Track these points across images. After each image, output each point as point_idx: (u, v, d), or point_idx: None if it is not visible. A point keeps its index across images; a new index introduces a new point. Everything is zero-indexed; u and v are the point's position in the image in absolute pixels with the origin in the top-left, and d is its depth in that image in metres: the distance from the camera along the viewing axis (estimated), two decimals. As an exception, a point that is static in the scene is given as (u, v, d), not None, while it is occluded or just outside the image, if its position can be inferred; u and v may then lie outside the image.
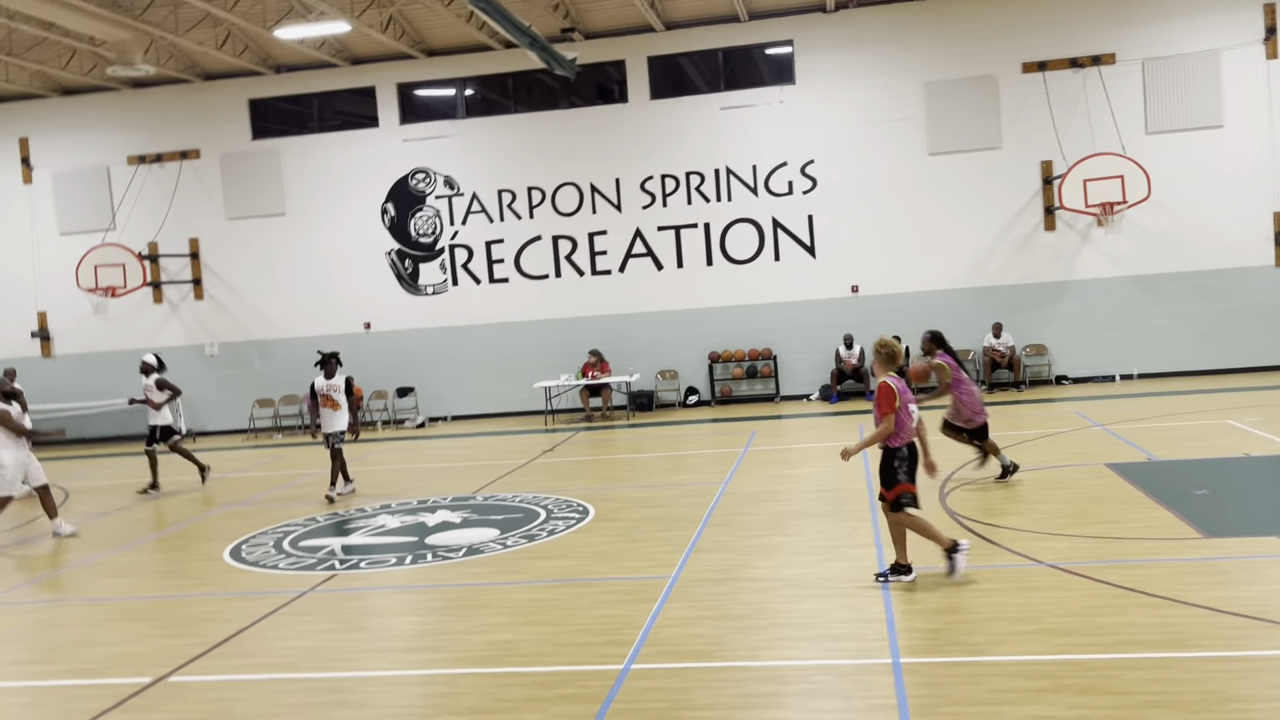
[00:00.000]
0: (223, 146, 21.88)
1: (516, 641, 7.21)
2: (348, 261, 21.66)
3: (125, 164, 22.13)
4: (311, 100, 21.97)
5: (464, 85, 21.48)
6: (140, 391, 15.10)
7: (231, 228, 21.99)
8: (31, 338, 22.53)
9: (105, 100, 22.14)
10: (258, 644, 7.62)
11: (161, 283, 22.10)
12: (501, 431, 19.28)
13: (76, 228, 22.18)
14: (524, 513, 11.60)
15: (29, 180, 22.51)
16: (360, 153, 21.55)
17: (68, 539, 11.91)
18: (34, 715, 6.56)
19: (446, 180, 21.33)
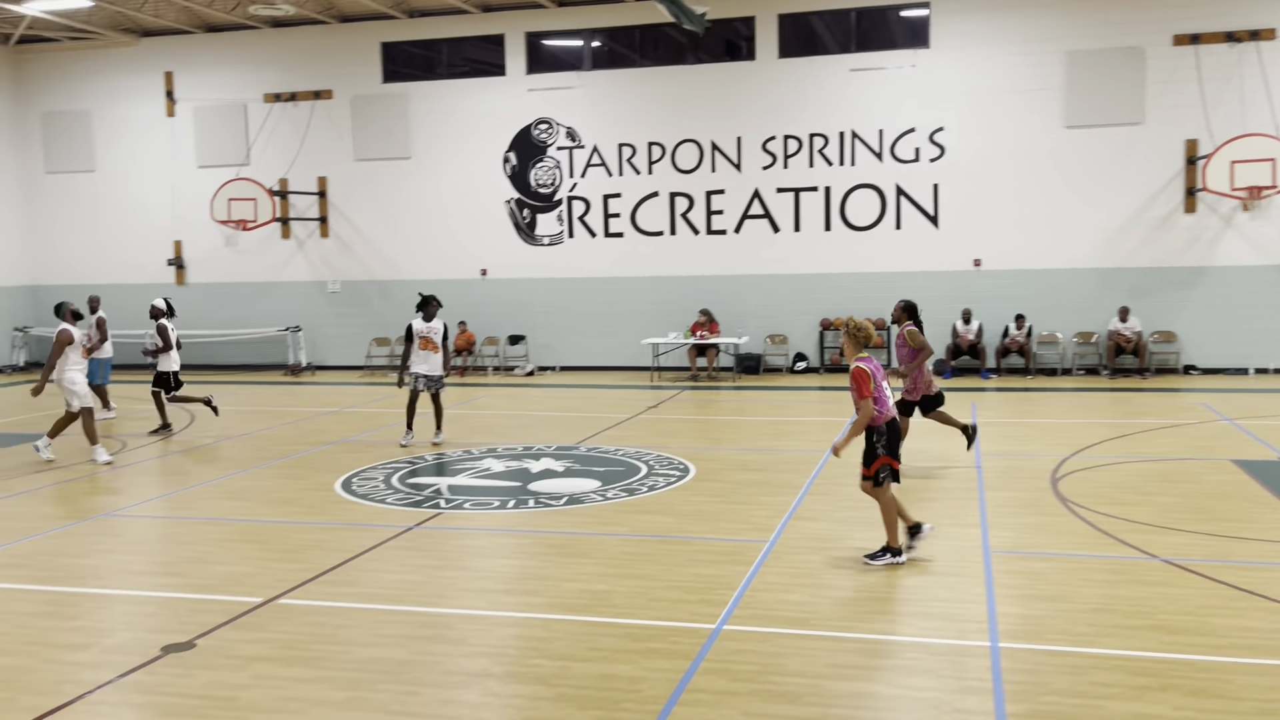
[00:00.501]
0: (354, 88, 22.34)
1: (611, 592, 7.30)
2: (468, 208, 21.97)
3: (261, 101, 22.79)
4: (441, 46, 22.24)
5: (591, 36, 21.45)
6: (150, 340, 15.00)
7: (359, 168, 22.50)
8: (167, 265, 23.52)
9: (246, 38, 22.79)
10: (363, 574, 7.88)
11: (290, 219, 22.77)
12: (608, 385, 19.42)
13: (213, 161, 22.98)
14: (625, 467, 11.69)
15: (172, 113, 23.37)
16: (486, 100, 21.76)
17: (104, 462, 12.35)
18: (157, 624, 6.91)
19: (568, 132, 21.40)
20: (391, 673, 5.94)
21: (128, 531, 9.46)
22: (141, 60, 23.33)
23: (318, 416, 16.11)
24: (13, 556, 8.56)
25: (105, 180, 23.86)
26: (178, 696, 5.68)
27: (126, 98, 23.49)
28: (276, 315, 22.92)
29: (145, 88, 23.36)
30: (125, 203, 23.71)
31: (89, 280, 23.89)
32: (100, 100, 23.70)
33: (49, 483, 11.46)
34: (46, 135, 24.06)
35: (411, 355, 13.22)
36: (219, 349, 23.14)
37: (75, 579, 7.92)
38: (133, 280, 23.55)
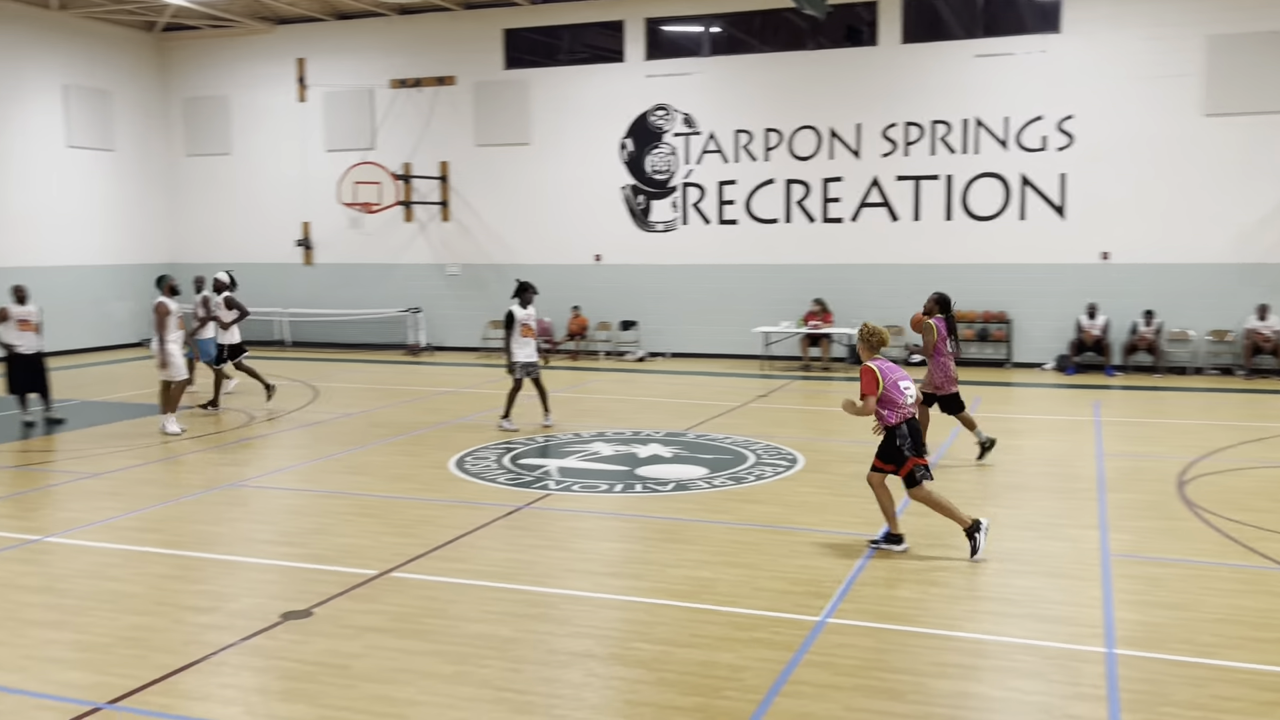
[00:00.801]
0: (476, 74, 22.73)
1: (715, 580, 7.31)
2: (583, 194, 22.16)
3: (388, 87, 23.38)
4: (562, 32, 22.44)
5: (711, 22, 21.37)
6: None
7: (479, 154, 22.90)
8: (296, 245, 24.36)
9: (373, 25, 23.39)
10: (473, 551, 8.06)
11: (412, 202, 23.32)
12: (718, 373, 19.40)
13: (341, 145, 23.68)
14: (733, 455, 11.67)
15: (303, 99, 24.16)
16: (604, 87, 21.89)
17: (171, 435, 12.91)
18: (278, 591, 7.21)
19: (685, 118, 21.38)
20: (497, 649, 6.07)
21: (253, 501, 9.87)
22: (276, 47, 24.18)
23: (434, 396, 16.51)
24: (148, 521, 9.02)
25: (240, 163, 24.83)
26: (295, 662, 5.91)
27: (262, 84, 24.38)
28: (397, 296, 23.54)
29: (279, 74, 24.20)
30: (258, 184, 24.64)
31: (224, 258, 24.91)
32: (237, 86, 24.65)
33: (183, 452, 12.03)
34: (187, 119, 25.16)
35: (514, 342, 13.18)
36: (341, 328, 23.91)
37: (204, 545, 8.31)
38: (264, 259, 24.50)
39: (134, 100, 24.47)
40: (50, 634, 6.36)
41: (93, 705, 5.36)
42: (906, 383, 7.91)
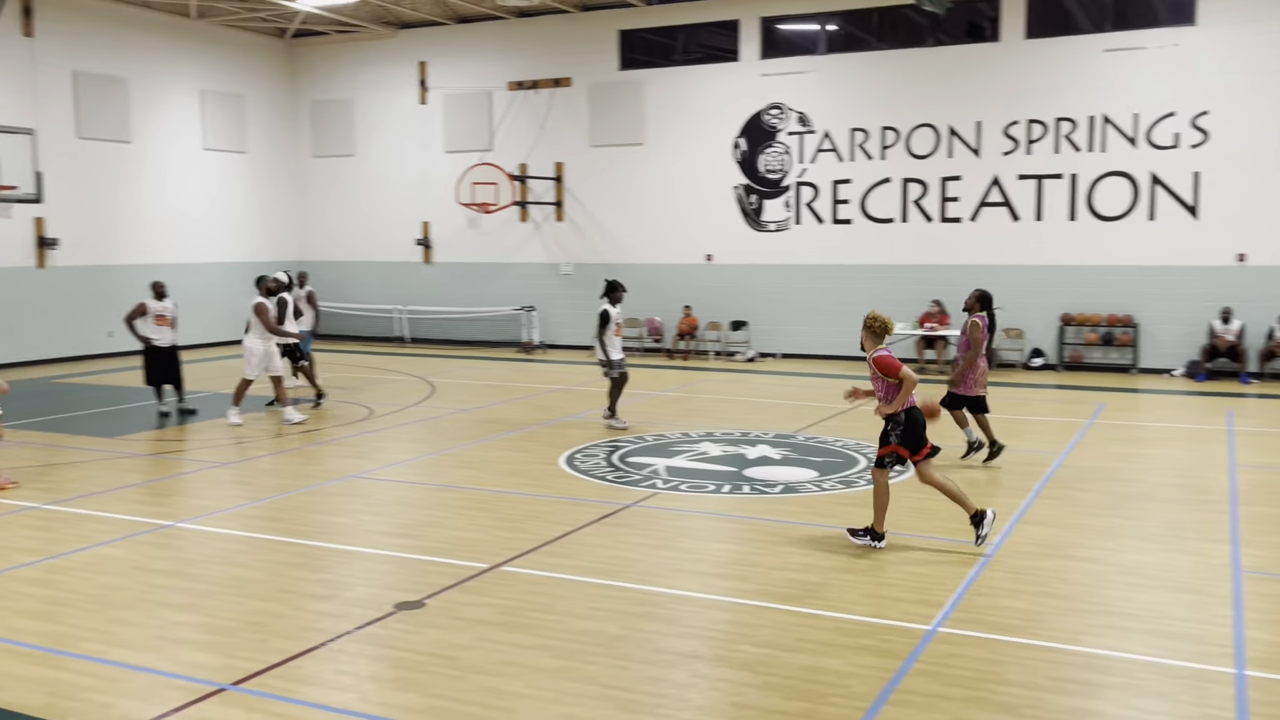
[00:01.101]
0: (592, 76, 22.94)
1: (823, 585, 7.23)
2: (696, 194, 22.16)
3: (505, 89, 23.78)
4: (677, 32, 22.48)
5: (827, 20, 21.13)
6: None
7: (593, 154, 23.11)
8: (415, 245, 24.98)
9: (492, 28, 23.82)
10: (581, 548, 8.14)
11: (527, 202, 23.67)
12: (829, 374, 19.16)
13: (459, 147, 24.19)
14: (844, 458, 11.52)
15: (424, 101, 24.75)
16: (718, 86, 21.84)
17: (232, 424, 13.47)
18: (392, 581, 7.40)
19: (800, 117, 21.19)
20: (604, 646, 6.12)
21: (371, 493, 10.15)
22: (399, 51, 24.83)
23: (546, 393, 16.73)
24: (271, 510, 9.37)
25: (364, 164, 25.58)
26: (407, 652, 6.06)
27: (385, 87, 25.07)
28: (512, 295, 23.93)
29: (401, 77, 24.85)
30: (381, 185, 25.35)
31: (347, 257, 25.76)
32: (362, 89, 25.40)
33: (306, 444, 12.46)
34: (315, 122, 26.04)
35: (609, 340, 13.28)
36: (457, 325, 24.42)
37: (324, 534, 8.59)
38: (385, 258, 25.21)
39: (265, 104, 25.44)
40: (179, 616, 6.66)
41: (217, 686, 5.59)
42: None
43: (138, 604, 6.88)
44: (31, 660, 5.94)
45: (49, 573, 7.56)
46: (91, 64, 21.39)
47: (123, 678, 5.73)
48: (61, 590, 7.17)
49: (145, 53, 22.47)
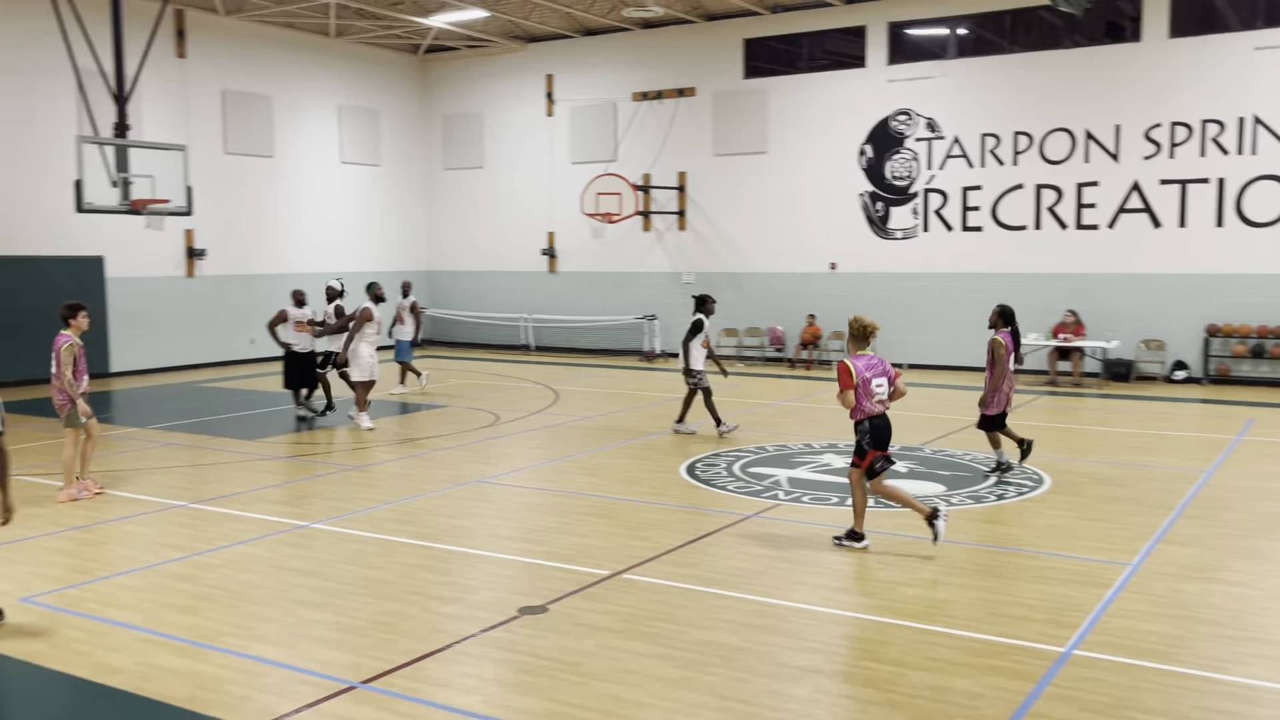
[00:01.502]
0: (716, 85, 22.94)
1: (950, 602, 7.04)
2: (820, 202, 21.93)
3: (630, 100, 23.99)
4: (802, 40, 22.31)
5: (957, 23, 20.66)
6: (320, 315, 15.64)
7: (716, 163, 23.10)
8: (541, 255, 25.38)
9: (618, 40, 24.06)
10: (701, 557, 8.12)
11: (650, 212, 23.81)
12: (957, 385, 18.68)
13: (584, 158, 24.49)
14: (972, 472, 11.22)
15: (551, 113, 25.16)
16: (844, 93, 21.58)
17: (365, 431, 13.90)
18: (515, 586, 7.51)
19: (928, 123, 20.77)
20: (724, 657, 6.08)
21: (496, 498, 10.33)
22: (526, 65, 25.30)
23: (667, 402, 16.75)
24: (401, 512, 9.62)
25: (491, 176, 26.13)
26: (530, 656, 6.14)
27: (513, 100, 25.58)
28: (634, 304, 24.08)
29: (529, 90, 25.31)
30: (508, 196, 25.85)
31: (474, 266, 26.35)
32: (490, 102, 25.97)
33: (434, 449, 12.76)
34: (445, 135, 26.73)
35: (696, 351, 13.45)
36: (580, 334, 24.70)
37: (450, 537, 8.78)
38: (511, 267, 25.69)
39: (398, 118, 26.24)
40: (313, 614, 6.89)
41: (348, 684, 5.76)
42: (880, 381, 8.26)
43: (275, 601, 7.15)
44: (177, 652, 6.23)
45: (194, 569, 7.93)
46: (238, 83, 22.42)
47: (260, 672, 5.96)
48: (205, 586, 7.50)
49: (288, 71, 23.44)
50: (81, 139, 16.00)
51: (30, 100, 18.93)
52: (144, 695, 5.63)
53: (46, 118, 19.10)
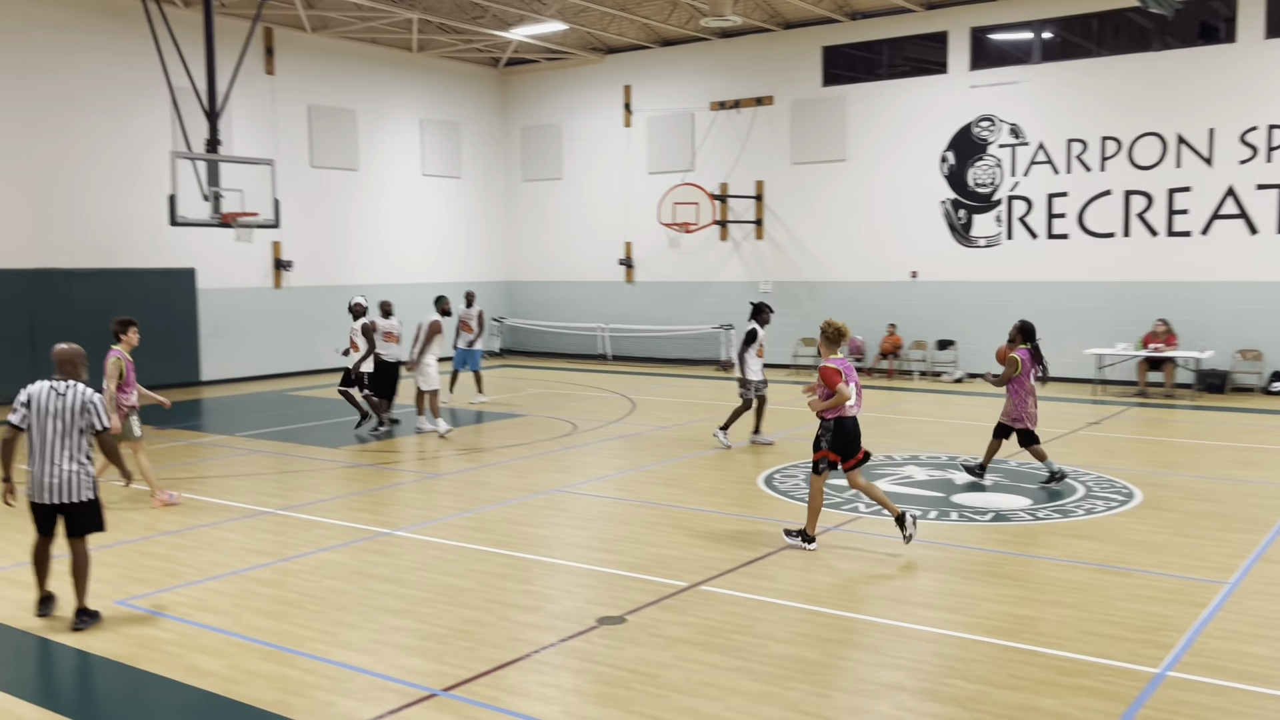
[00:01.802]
0: (794, 93, 22.82)
1: (1037, 619, 6.87)
2: (900, 209, 21.65)
3: (707, 109, 23.98)
4: (882, 46, 22.08)
5: (1042, 27, 20.25)
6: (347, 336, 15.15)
7: (794, 172, 22.96)
8: (618, 265, 25.48)
9: (695, 50, 24.08)
10: (781, 570, 8.05)
11: (727, 221, 23.74)
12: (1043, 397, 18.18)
13: (661, 168, 24.54)
14: (1060, 486, 10.93)
15: (628, 124, 25.27)
16: (925, 99, 21.30)
17: (442, 435, 14.19)
18: (594, 596, 7.53)
19: (1012, 128, 20.37)
20: (805, 672, 6.01)
21: (574, 507, 10.38)
22: (604, 76, 25.45)
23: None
24: (480, 521, 9.72)
25: (569, 187, 26.33)
26: (608, 667, 6.14)
27: (591, 111, 25.75)
28: (711, 313, 24.02)
29: (606, 101, 25.46)
30: (585, 207, 26.02)
31: (552, 277, 26.56)
32: (568, 114, 26.18)
33: (513, 458, 12.87)
34: (524, 147, 27.02)
35: (751, 360, 13.32)
36: (657, 344, 24.72)
37: (528, 546, 8.83)
38: (589, 278, 25.84)
39: (478, 131, 26.59)
40: (395, 621, 6.98)
41: (429, 691, 5.82)
42: (853, 388, 8.56)
43: (358, 607, 7.27)
44: (265, 657, 6.36)
45: (280, 574, 8.10)
46: (324, 98, 22.94)
47: (344, 678, 6.05)
48: (290, 591, 7.65)
49: (371, 86, 23.92)
50: (176, 154, 16.51)
51: (129, 119, 19.60)
52: (233, 698, 5.76)
53: (144, 135, 19.76)
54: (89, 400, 6.93)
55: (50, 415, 6.84)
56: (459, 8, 21.82)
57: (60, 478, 6.85)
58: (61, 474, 6.85)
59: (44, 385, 6.94)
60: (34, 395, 6.89)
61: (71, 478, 6.88)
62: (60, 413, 6.85)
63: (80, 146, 18.99)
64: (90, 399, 6.94)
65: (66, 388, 6.92)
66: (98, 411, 6.94)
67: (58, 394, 6.88)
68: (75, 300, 18.59)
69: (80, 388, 6.97)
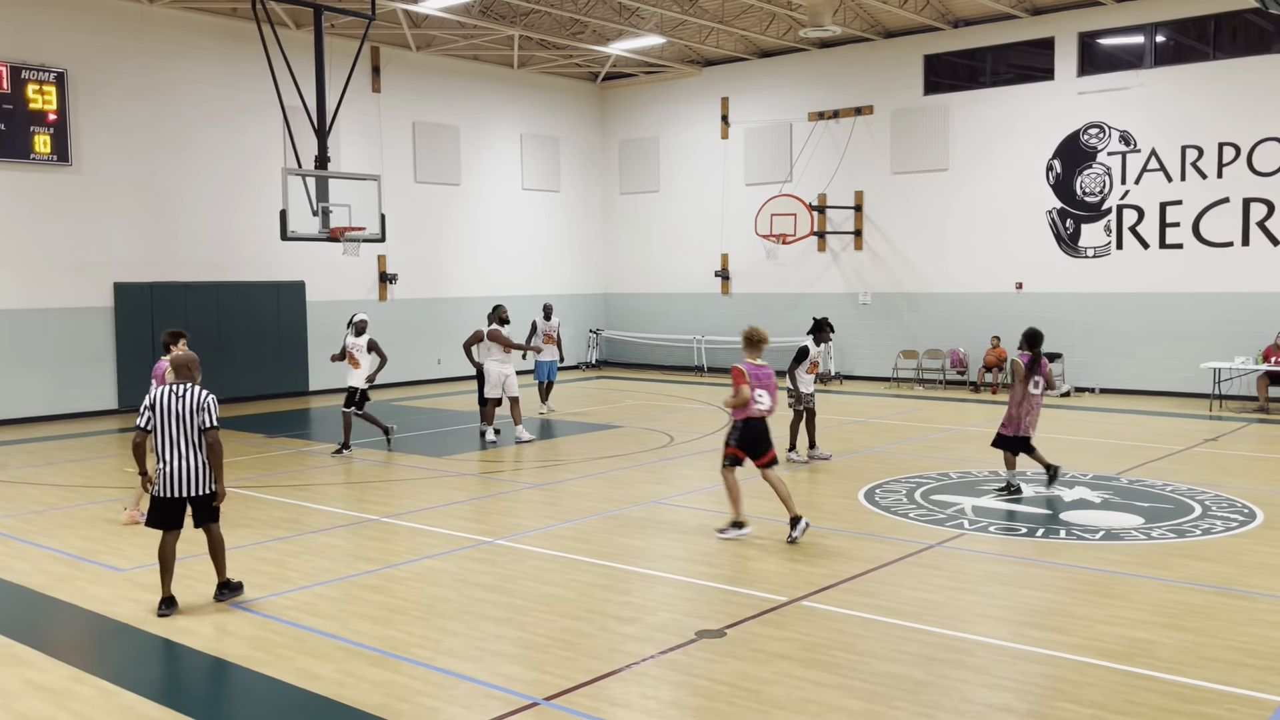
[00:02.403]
0: (894, 102, 22.54)
1: (1154, 643, 6.62)
2: (1004, 219, 21.19)
3: (805, 120, 23.83)
4: (985, 54, 21.67)
5: (1154, 31, 19.63)
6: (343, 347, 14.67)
7: (894, 181, 22.66)
8: (714, 276, 25.46)
9: (794, 61, 23.97)
10: (882, 587, 7.92)
11: (826, 232, 23.54)
12: (1156, 411, 17.66)
13: (759, 179, 24.46)
14: (1174, 504, 10.55)
15: (726, 136, 25.26)
16: (1030, 107, 20.82)
17: (525, 444, 14.64)
18: (693, 609, 7.51)
19: (1122, 135, 19.78)
20: (909, 691, 5.90)
21: (671, 519, 10.37)
22: (702, 89, 25.50)
23: (843, 425, 16.48)
24: (579, 531, 9.79)
25: (666, 199, 26.42)
26: (708, 681, 6.12)
27: (688, 124, 25.82)
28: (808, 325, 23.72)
29: (704, 113, 25.50)
30: (681, 219, 26.08)
31: (648, 289, 26.66)
32: (666, 127, 26.29)
33: (611, 468, 12.94)
34: (622, 160, 27.22)
35: (799, 375, 13.14)
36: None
37: (627, 557, 8.86)
38: (684, 289, 25.87)
39: (577, 145, 26.88)
40: (497, 629, 7.07)
41: (531, 700, 5.88)
42: (762, 391, 9.32)
43: (461, 615, 7.38)
44: (371, 661, 6.50)
45: (385, 580, 8.27)
46: (428, 114, 23.46)
47: (448, 684, 6.15)
48: (395, 598, 7.81)
49: (473, 102, 24.38)
50: (287, 171, 17.07)
51: (243, 136, 20.34)
52: (341, 701, 5.90)
53: (256, 152, 20.48)
54: (204, 401, 7.43)
55: (172, 415, 7.35)
56: (559, 24, 22.13)
57: (185, 472, 7.37)
58: (186, 469, 7.37)
59: (165, 389, 7.46)
60: (157, 399, 7.42)
61: (195, 472, 7.40)
62: (180, 413, 7.36)
63: (197, 163, 19.77)
64: (205, 399, 7.43)
65: (185, 390, 7.41)
66: (210, 411, 7.43)
67: (177, 396, 7.39)
68: (191, 312, 19.33)
69: (196, 389, 7.46)
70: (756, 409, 9.29)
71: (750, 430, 9.35)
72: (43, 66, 17.59)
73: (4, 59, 17.21)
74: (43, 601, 7.94)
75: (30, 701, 5.98)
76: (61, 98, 17.74)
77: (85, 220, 18.37)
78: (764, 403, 9.31)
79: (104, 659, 6.86)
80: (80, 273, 18.36)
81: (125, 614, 7.52)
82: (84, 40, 18.18)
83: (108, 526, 10.19)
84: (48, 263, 18.00)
